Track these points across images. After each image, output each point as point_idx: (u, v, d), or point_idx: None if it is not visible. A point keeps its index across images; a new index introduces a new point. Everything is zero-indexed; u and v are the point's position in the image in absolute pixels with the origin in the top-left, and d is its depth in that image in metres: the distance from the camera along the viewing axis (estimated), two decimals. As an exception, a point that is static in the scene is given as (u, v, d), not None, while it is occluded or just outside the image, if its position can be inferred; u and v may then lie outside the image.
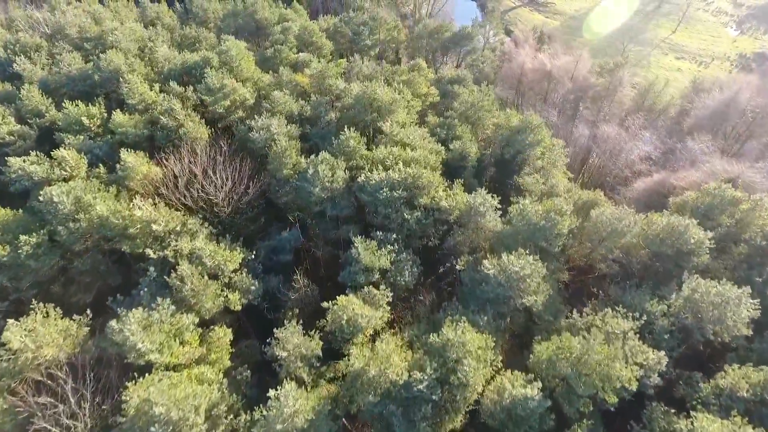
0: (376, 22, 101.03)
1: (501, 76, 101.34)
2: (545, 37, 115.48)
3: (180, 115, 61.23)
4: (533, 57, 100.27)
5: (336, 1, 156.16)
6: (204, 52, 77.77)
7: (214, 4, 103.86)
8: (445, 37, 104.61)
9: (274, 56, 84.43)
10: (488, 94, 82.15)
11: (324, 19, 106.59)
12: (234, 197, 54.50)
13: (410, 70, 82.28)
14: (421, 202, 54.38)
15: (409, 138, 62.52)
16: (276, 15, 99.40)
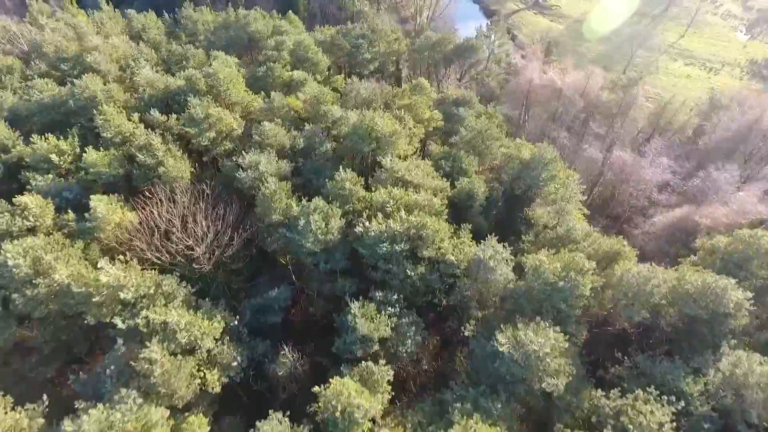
0: (376, 35, 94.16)
1: (507, 92, 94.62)
2: (552, 48, 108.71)
3: (159, 151, 54.70)
4: (541, 71, 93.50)
5: (335, 5, 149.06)
6: (191, 71, 71.18)
7: (205, 15, 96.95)
8: (448, 50, 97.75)
9: (266, 75, 77.69)
10: (495, 118, 75.70)
11: (321, 30, 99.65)
12: (216, 250, 48.08)
13: (411, 90, 75.60)
14: (425, 254, 48.03)
15: (411, 175, 56.08)
16: (269, 27, 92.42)
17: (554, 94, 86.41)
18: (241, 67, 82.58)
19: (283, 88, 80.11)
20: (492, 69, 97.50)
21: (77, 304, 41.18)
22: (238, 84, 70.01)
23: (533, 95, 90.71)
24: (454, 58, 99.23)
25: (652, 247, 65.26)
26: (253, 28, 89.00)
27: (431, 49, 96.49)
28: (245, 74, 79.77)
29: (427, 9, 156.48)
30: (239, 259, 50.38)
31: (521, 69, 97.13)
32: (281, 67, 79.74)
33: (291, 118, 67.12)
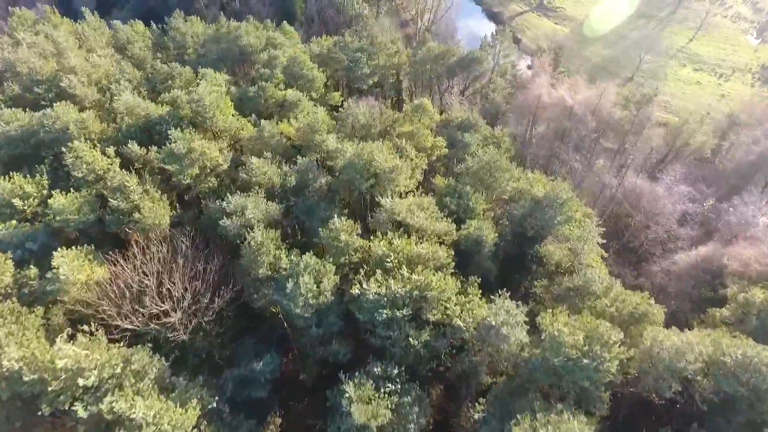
0: (375, 47, 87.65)
1: (514, 107, 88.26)
2: (560, 58, 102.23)
3: (135, 193, 48.64)
4: (550, 86, 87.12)
5: (332, 9, 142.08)
6: (176, 92, 65.02)
7: (195, 26, 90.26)
8: (451, 62, 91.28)
9: (257, 95, 71.39)
10: (503, 143, 69.55)
11: (317, 41, 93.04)
12: (194, 317, 42.22)
13: (413, 111, 69.36)
14: (429, 318, 42.19)
15: (414, 218, 50.13)
16: (262, 39, 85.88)
17: (564, 112, 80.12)
18: (231, 84, 76.43)
19: (276, 108, 74.03)
20: (497, 82, 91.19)
21: (30, 391, 35.35)
22: (227, 108, 63.83)
23: (541, 111, 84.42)
24: (457, 70, 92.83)
25: (674, 287, 59.42)
26: (245, 41, 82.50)
27: (433, 61, 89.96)
28: (236, 93, 73.65)
29: (429, 12, 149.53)
30: (222, 321, 44.55)
31: (529, 81, 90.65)
32: (274, 87, 73.42)
33: (283, 147, 60.96)
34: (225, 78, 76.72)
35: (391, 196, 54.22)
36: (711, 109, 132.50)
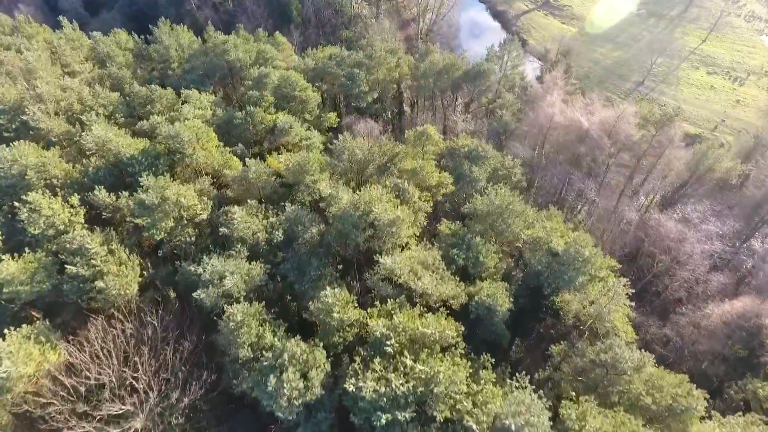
0: (374, 61, 79.99)
1: (524, 125, 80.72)
2: (571, 68, 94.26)
3: (98, 257, 41.77)
4: (563, 105, 79.66)
5: (330, 10, 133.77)
6: (155, 118, 57.97)
7: (181, 36, 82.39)
8: (456, 76, 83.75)
9: (245, 122, 64.12)
10: (514, 173, 62.48)
11: (312, 53, 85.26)
12: (162, 413, 35.60)
13: (416, 140, 62.11)
14: (436, 416, 35.60)
15: (417, 282, 43.40)
16: (252, 53, 78.27)
17: (578, 133, 72.73)
18: (217, 106, 69.08)
19: (266, 134, 66.87)
20: (506, 98, 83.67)
21: None
22: (209, 141, 56.65)
23: (552, 131, 77.10)
24: (462, 83, 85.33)
25: (706, 344, 52.77)
26: (233, 56, 74.92)
27: (437, 76, 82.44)
28: (222, 116, 66.40)
29: (430, 11, 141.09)
30: (195, 416, 37.92)
31: (539, 96, 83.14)
32: (263, 111, 66.11)
33: (271, 187, 53.96)
34: (210, 100, 69.43)
35: (391, 249, 47.57)
36: (726, 116, 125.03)
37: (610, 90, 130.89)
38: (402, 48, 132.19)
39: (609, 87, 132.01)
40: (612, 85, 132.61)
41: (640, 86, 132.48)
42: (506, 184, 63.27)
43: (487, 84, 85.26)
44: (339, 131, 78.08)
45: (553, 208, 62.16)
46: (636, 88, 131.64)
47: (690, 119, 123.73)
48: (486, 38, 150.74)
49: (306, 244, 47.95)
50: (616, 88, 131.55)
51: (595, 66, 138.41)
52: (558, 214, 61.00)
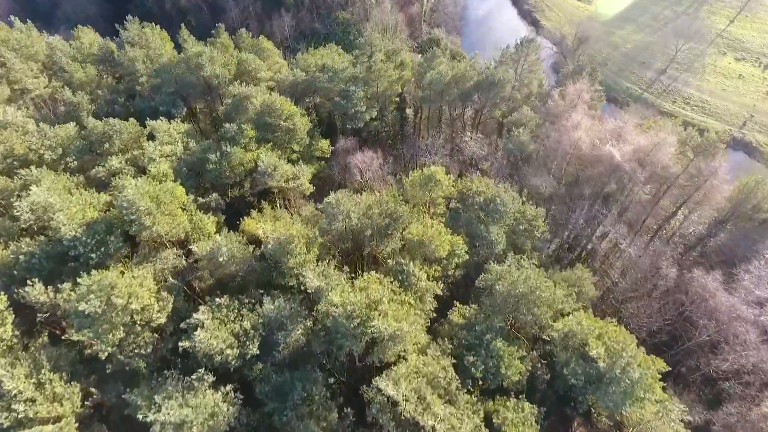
0: (373, 73, 67.70)
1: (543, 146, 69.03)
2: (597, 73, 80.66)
3: (20, 401, 32.11)
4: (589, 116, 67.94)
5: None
6: (113, 163, 47.46)
7: (153, 38, 69.54)
8: (467, 87, 71.68)
9: (219, 165, 53.08)
10: (538, 226, 52.13)
11: (303, 59, 72.56)
12: None
13: (423, 184, 51.33)
14: None
15: (425, 416, 34.00)
16: (232, 66, 65.95)
17: (609, 167, 61.49)
18: (189, 137, 57.86)
19: (245, 177, 56.00)
20: (524, 113, 71.45)
21: None
22: (175, 201, 45.87)
23: (578, 160, 65.83)
24: (474, 94, 73.33)
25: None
26: (208, 72, 62.78)
27: (445, 88, 70.34)
28: (194, 150, 55.49)
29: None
30: None
31: (561, 112, 71.16)
32: (242, 149, 54.98)
33: (248, 266, 43.67)
34: (181, 130, 58.11)
35: (392, 360, 37.99)
36: (755, 110, 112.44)
37: (630, 80, 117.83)
38: (404, 33, 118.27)
39: (629, 77, 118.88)
40: (632, 74, 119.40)
41: (662, 75, 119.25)
42: (528, 238, 53.09)
43: (502, 95, 73.18)
44: (333, 158, 67.07)
45: (581, 268, 52.25)
46: (657, 78, 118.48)
47: (715, 114, 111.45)
48: (495, 18, 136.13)
49: (287, 347, 38.29)
50: (637, 78, 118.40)
51: (614, 51, 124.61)
52: (587, 278, 51.21)
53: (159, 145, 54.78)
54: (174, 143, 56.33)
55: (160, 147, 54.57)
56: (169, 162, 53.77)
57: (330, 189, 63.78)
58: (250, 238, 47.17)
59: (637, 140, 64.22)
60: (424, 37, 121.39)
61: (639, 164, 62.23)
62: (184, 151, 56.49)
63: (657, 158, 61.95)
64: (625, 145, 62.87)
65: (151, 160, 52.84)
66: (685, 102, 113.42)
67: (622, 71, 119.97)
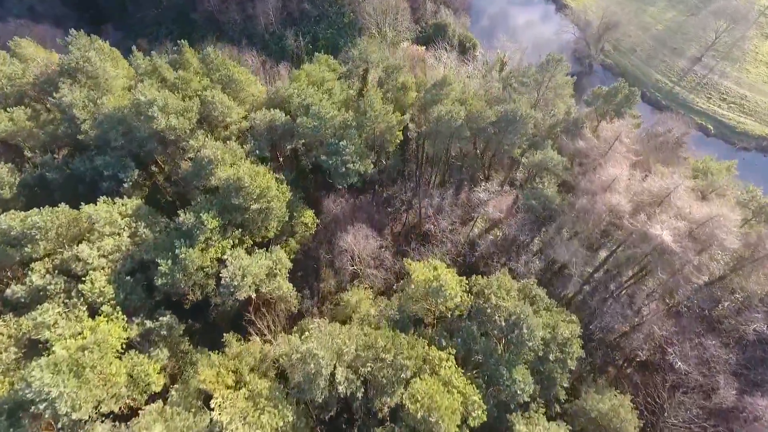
0: (367, 118, 53.12)
1: (573, 212, 55.47)
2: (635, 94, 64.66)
3: None
4: (626, 173, 54.19)
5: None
6: (35, 276, 35.25)
7: (103, 69, 54.46)
8: (483, 126, 57.18)
9: (171, 275, 40.52)
10: (573, 353, 40.61)
11: (284, 90, 57.57)
12: None
13: (426, 284, 39.24)
14: None
15: None
16: (193, 113, 51.26)
17: (652, 245, 48.46)
18: (139, 220, 44.95)
19: (208, 280, 43.59)
20: (551, 157, 56.65)
21: None
22: (106, 356, 33.98)
23: (617, 230, 52.75)
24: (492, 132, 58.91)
25: None
26: (162, 125, 48.47)
27: (457, 131, 55.91)
28: (146, 245, 42.94)
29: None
30: None
31: (594, 155, 57.04)
32: (201, 249, 42.18)
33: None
34: (128, 210, 45.13)
35: None
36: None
37: (660, 70, 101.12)
38: (406, 16, 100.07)
39: (658, 66, 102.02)
40: (662, 63, 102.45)
41: (697, 64, 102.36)
42: (559, 371, 41.41)
43: (524, 131, 58.81)
44: (319, 233, 54.04)
45: (615, 395, 41.05)
46: (691, 68, 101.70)
47: (755, 113, 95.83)
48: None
49: None
50: (667, 68, 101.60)
51: (644, 34, 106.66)
52: (627, 411, 40.16)
53: (98, 240, 42.17)
54: (119, 233, 43.57)
55: (99, 242, 41.98)
56: (109, 268, 41.37)
57: (314, 278, 51.70)
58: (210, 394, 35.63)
59: (688, 206, 51.07)
60: (429, 18, 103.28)
61: (692, 239, 49.50)
62: (132, 242, 43.87)
63: (714, 234, 49.15)
64: (672, 212, 49.70)
65: (86, 265, 40.55)
66: (721, 98, 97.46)
67: (651, 59, 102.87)
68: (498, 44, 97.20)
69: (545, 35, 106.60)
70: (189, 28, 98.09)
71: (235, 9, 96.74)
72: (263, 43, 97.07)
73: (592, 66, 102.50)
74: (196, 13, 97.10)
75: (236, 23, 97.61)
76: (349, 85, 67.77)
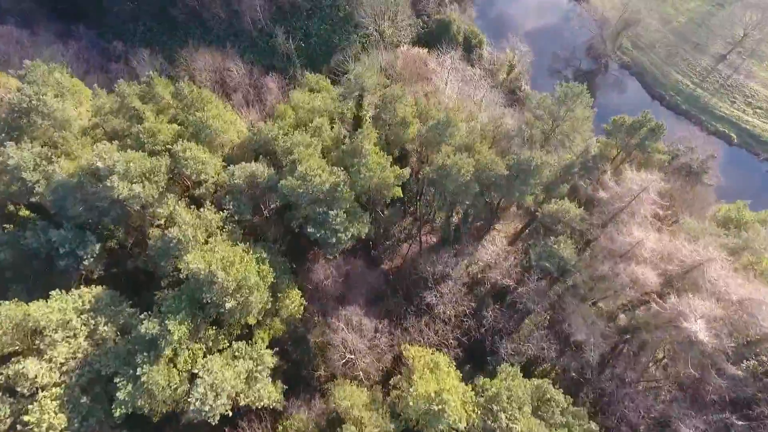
0: (361, 177, 45.21)
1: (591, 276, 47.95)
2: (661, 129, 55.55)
3: None
4: (654, 236, 46.71)
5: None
6: None
7: (61, 109, 46.10)
8: (494, 177, 49.15)
9: (131, 400, 34.08)
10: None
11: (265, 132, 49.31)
12: None
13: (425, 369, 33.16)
14: None
15: None
16: (162, 176, 43.34)
17: (681, 334, 41.66)
18: (99, 314, 38.25)
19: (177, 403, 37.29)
20: (566, 209, 48.81)
21: None
22: None
23: (638, 299, 45.86)
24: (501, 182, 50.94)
25: None
26: (122, 193, 40.67)
27: (464, 188, 48.07)
28: (105, 354, 36.48)
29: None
30: None
31: (616, 211, 49.42)
32: (166, 367, 35.58)
33: None
34: (85, 303, 38.45)
35: None
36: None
37: (680, 69, 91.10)
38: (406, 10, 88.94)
39: (679, 64, 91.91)
40: (683, 61, 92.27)
41: (721, 62, 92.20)
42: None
43: (537, 180, 50.91)
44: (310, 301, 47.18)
45: None
46: (714, 67, 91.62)
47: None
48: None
49: None
50: (689, 67, 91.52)
51: (664, 28, 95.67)
52: None
53: (50, 347, 35.66)
54: (75, 334, 36.96)
55: (51, 350, 35.49)
56: (63, 383, 35.07)
57: (303, 363, 45.38)
58: None
59: (723, 283, 44.10)
60: (431, 10, 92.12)
61: (728, 324, 42.82)
62: (91, 343, 37.37)
63: (753, 317, 42.51)
64: (705, 290, 42.76)
65: (34, 383, 34.28)
66: (746, 102, 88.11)
67: (671, 57, 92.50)
68: (506, 44, 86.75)
69: (558, 29, 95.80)
70: (169, 24, 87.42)
71: (219, 4, 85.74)
72: (251, 41, 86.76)
73: (608, 64, 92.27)
74: (177, 9, 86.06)
75: (221, 19, 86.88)
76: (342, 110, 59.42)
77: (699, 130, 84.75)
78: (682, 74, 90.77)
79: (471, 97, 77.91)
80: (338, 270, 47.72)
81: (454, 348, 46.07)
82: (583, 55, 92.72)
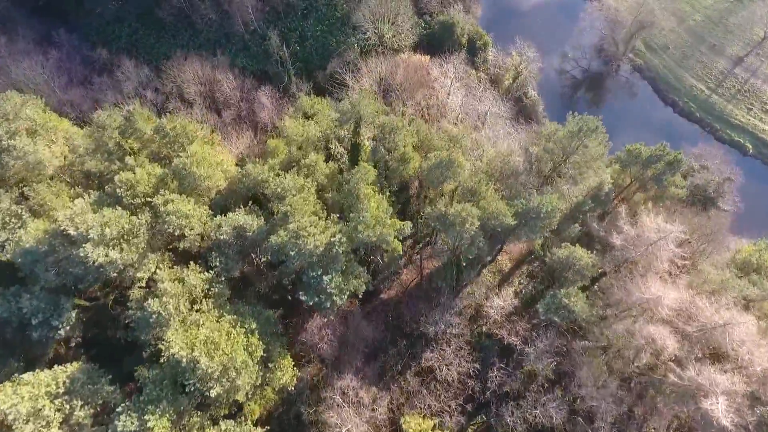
0: (359, 232, 40.86)
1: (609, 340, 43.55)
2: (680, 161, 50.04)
3: None
4: (674, 293, 42.68)
5: None
6: None
7: (34, 151, 41.59)
8: (503, 225, 44.70)
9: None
10: None
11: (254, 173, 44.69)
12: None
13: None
14: None
15: None
16: (142, 232, 39.09)
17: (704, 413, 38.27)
18: (76, 396, 34.86)
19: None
20: (578, 257, 44.38)
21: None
22: None
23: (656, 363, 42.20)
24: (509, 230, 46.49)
25: None
26: (101, 258, 36.62)
27: (471, 239, 43.71)
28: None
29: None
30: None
31: (632, 259, 45.21)
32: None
33: None
34: (59, 384, 34.92)
35: None
36: None
37: (695, 73, 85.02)
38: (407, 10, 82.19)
39: (694, 67, 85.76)
40: (698, 64, 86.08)
41: (739, 65, 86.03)
42: None
43: (546, 224, 46.52)
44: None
45: None
46: (731, 70, 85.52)
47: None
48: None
49: None
50: (704, 70, 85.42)
51: (679, 27, 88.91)
52: None
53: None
54: (48, 423, 33.58)
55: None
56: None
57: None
58: None
59: (747, 350, 40.50)
60: (434, 9, 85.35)
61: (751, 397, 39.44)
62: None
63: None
64: (728, 359, 39.27)
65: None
66: (763, 109, 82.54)
67: (686, 59, 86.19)
68: (512, 47, 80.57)
69: (568, 28, 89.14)
70: (156, 26, 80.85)
71: (208, 4, 79.08)
72: (243, 44, 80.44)
73: (620, 67, 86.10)
74: (164, 10, 79.37)
75: (211, 21, 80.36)
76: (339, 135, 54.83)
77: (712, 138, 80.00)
78: (697, 78, 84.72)
79: (475, 109, 72.65)
80: (333, 331, 43.90)
81: (455, 415, 42.82)
82: (593, 56, 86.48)
